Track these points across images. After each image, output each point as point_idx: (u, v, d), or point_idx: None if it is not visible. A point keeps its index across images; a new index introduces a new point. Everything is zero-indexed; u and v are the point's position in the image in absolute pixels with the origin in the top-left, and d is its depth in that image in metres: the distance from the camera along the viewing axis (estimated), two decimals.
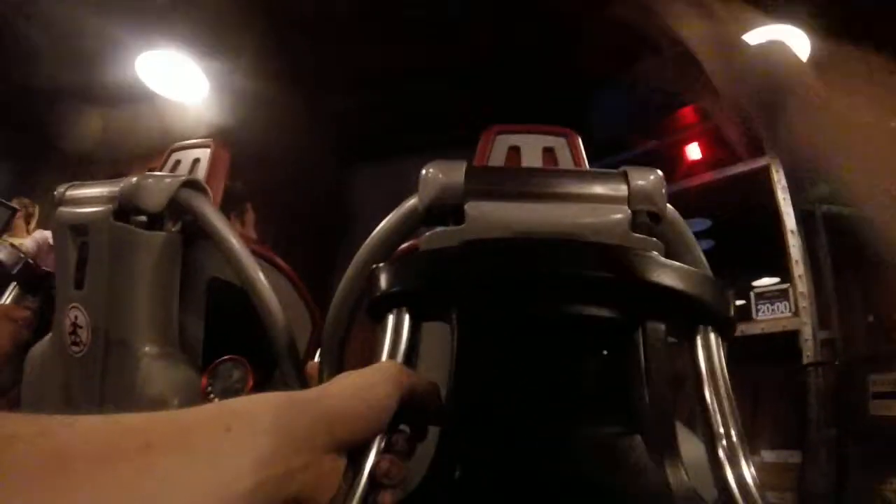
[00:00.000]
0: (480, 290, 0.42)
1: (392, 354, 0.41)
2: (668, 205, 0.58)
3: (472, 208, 0.50)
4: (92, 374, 0.79)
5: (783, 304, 2.94)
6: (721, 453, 0.38)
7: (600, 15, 2.95)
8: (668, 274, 0.41)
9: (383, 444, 0.35)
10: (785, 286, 2.96)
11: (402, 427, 0.37)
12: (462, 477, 0.36)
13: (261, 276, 0.75)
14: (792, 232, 2.93)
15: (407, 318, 0.43)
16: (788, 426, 3.10)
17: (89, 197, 0.83)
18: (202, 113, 3.19)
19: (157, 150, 1.05)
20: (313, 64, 3.41)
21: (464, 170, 0.52)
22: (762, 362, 3.05)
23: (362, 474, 0.34)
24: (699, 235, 3.89)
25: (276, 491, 0.28)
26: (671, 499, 0.37)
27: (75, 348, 0.80)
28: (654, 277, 0.41)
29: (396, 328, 0.42)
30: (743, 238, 3.65)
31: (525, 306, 0.42)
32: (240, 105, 3.22)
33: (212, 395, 0.71)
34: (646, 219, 0.56)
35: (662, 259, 0.42)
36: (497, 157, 0.72)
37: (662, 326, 0.42)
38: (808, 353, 2.87)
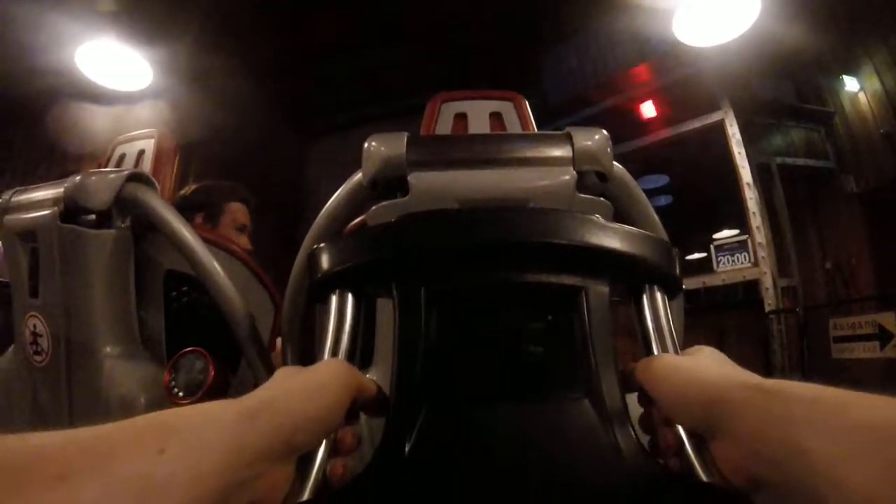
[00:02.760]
0: (416, 264, 0.41)
1: (337, 336, 0.41)
2: (616, 163, 0.57)
3: (416, 179, 0.50)
4: (57, 383, 0.77)
5: (743, 254, 3.01)
6: None
7: None
8: (609, 236, 0.41)
9: (331, 442, 0.35)
10: (744, 237, 3.02)
11: (348, 425, 0.36)
12: (412, 453, 0.36)
13: (215, 264, 0.73)
14: (748, 185, 2.99)
15: (350, 297, 0.42)
16: (754, 373, 3.19)
17: (35, 201, 0.80)
18: (149, 102, 3.08)
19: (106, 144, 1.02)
20: (264, 40, 3.32)
21: (405, 140, 0.51)
22: (726, 312, 3.14)
23: (311, 476, 0.33)
24: (658, 191, 3.97)
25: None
26: (621, 461, 0.36)
27: (38, 357, 0.78)
28: (595, 240, 0.40)
29: (340, 309, 0.42)
30: (702, 192, 3.71)
31: (462, 278, 0.41)
32: (189, 90, 3.13)
33: (175, 390, 0.70)
34: (593, 179, 0.55)
35: (603, 221, 0.41)
36: (444, 126, 0.71)
37: (606, 289, 0.41)
38: (770, 301, 2.97)
